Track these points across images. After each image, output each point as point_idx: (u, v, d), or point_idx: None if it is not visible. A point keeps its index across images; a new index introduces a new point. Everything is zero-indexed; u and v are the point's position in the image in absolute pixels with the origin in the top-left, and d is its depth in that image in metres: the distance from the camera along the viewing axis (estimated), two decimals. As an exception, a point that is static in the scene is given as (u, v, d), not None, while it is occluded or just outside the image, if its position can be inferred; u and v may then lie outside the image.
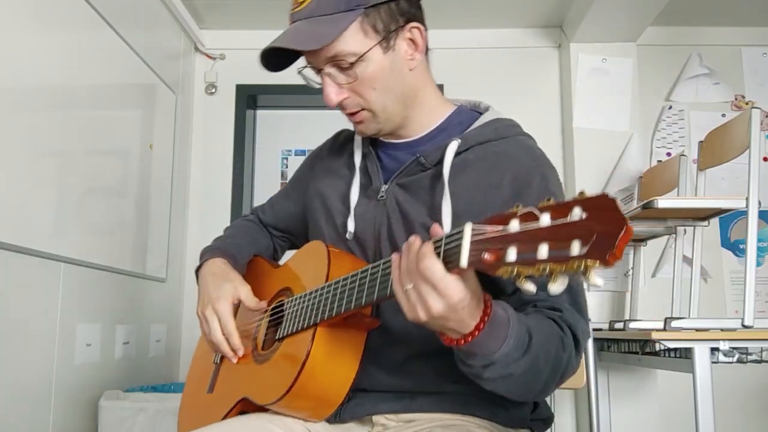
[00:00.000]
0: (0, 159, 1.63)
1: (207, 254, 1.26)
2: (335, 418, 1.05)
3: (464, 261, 0.72)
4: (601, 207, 0.62)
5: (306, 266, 1.14)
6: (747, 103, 3.08)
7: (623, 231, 0.60)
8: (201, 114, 3.12)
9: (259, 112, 3.27)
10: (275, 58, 1.07)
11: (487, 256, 0.69)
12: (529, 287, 0.68)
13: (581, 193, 0.65)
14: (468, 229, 0.73)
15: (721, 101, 3.09)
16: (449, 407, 1.03)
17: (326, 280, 1.02)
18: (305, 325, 1.01)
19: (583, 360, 1.70)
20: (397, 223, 1.07)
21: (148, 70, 2.54)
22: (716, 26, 3.12)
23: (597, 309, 2.79)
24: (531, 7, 2.94)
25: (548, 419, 1.14)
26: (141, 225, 2.49)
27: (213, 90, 3.13)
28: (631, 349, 2.25)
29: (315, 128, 3.17)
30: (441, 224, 1.01)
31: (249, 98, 3.15)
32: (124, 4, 2.34)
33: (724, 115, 3.03)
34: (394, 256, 0.84)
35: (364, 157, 1.16)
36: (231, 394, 1.13)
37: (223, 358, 1.22)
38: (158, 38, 2.71)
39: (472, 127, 1.10)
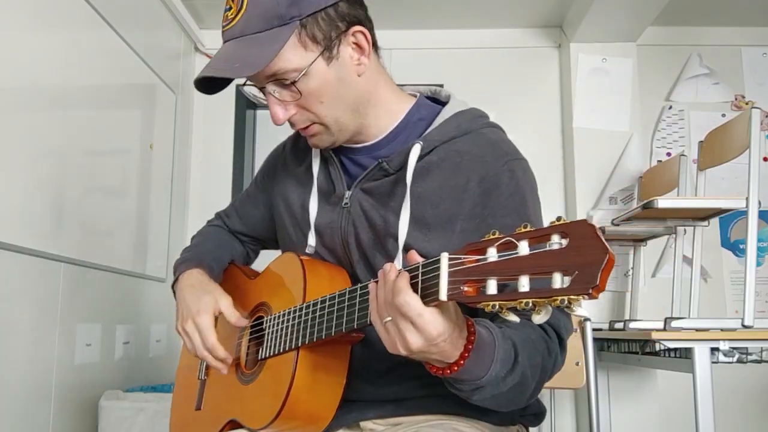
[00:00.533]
0: (0, 159, 1.63)
1: (182, 266, 1.20)
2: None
3: (443, 295, 0.69)
4: (582, 235, 0.59)
5: (282, 280, 1.11)
6: (747, 103, 3.08)
7: (605, 262, 0.57)
8: (201, 114, 3.12)
9: (259, 112, 3.27)
10: (211, 80, 1.02)
11: (466, 288, 0.67)
12: (513, 318, 0.66)
13: (559, 219, 0.62)
14: (444, 259, 0.70)
15: (721, 101, 3.09)
16: (436, 408, 1.02)
17: (303, 299, 1.00)
18: (286, 348, 0.99)
19: (583, 360, 1.70)
20: (363, 231, 1.04)
21: (148, 70, 2.54)
22: (716, 26, 3.12)
23: (597, 309, 2.78)
24: (531, 7, 2.94)
25: (540, 414, 1.13)
26: (141, 225, 2.49)
27: (213, 90, 3.12)
28: (631, 349, 2.25)
29: (315, 128, 3.17)
30: (397, 232, 0.98)
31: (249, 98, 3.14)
32: (124, 4, 2.34)
33: (724, 115, 3.03)
34: (371, 286, 0.81)
35: (326, 161, 1.12)
36: (219, 415, 1.13)
37: (208, 373, 1.22)
38: (158, 38, 2.71)
39: (434, 125, 1.05)
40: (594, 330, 2.19)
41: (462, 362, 0.78)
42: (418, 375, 1.00)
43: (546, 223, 0.64)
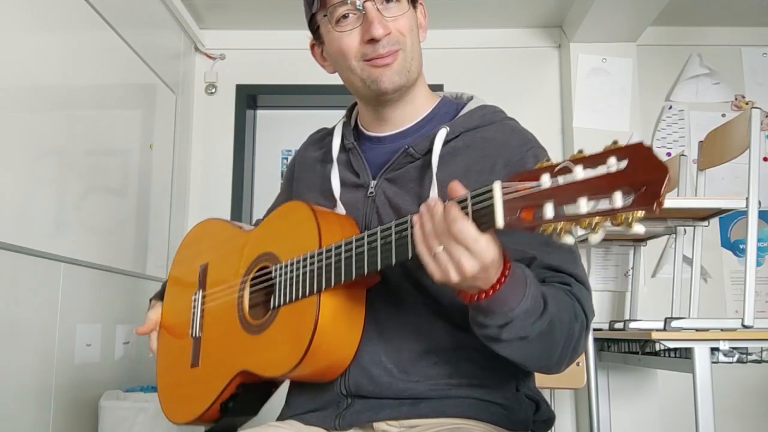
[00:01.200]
0: (0, 159, 1.63)
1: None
2: (336, 424, 1.04)
3: (500, 221, 0.71)
4: (640, 156, 0.61)
5: (289, 228, 1.08)
6: (747, 103, 3.08)
7: (667, 177, 0.59)
8: (201, 114, 3.12)
9: (259, 112, 3.27)
10: None
11: (523, 214, 0.68)
12: (568, 240, 0.67)
13: (615, 142, 0.63)
14: (498, 187, 0.71)
15: (721, 101, 3.10)
16: (452, 411, 1.02)
17: (319, 245, 0.98)
18: (306, 293, 0.98)
19: (583, 360, 1.70)
20: (388, 218, 1.05)
21: (148, 70, 2.54)
22: (716, 26, 3.12)
23: (597, 309, 2.75)
24: (531, 7, 2.94)
25: (549, 420, 1.13)
26: (141, 225, 2.49)
27: (213, 90, 3.13)
28: (631, 349, 2.25)
29: (315, 128, 3.17)
30: None
31: (249, 98, 3.15)
32: (124, 4, 2.34)
33: (724, 115, 3.03)
34: (415, 218, 0.82)
35: (348, 151, 1.14)
36: (225, 368, 1.10)
37: (203, 330, 1.19)
38: (158, 38, 2.71)
39: (459, 115, 1.10)
40: (594, 330, 2.20)
41: (498, 286, 0.80)
42: (435, 373, 1.01)
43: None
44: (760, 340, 1.78)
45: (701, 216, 2.23)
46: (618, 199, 0.61)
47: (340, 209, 1.09)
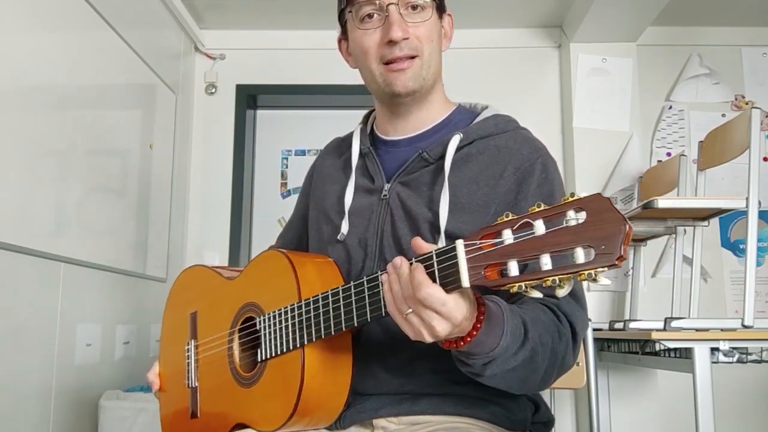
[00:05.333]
0: (0, 159, 1.63)
1: None
2: (337, 424, 1.05)
3: (465, 282, 0.71)
4: (598, 209, 0.61)
5: (269, 278, 1.09)
6: (747, 103, 3.08)
7: (625, 231, 0.59)
8: (201, 114, 3.12)
9: (259, 112, 3.27)
10: None
11: (487, 272, 0.68)
12: (536, 294, 0.67)
13: (572, 194, 0.64)
14: (461, 246, 0.71)
15: (721, 101, 3.09)
16: (451, 409, 1.03)
17: (299, 296, 1.00)
18: (290, 347, 1.00)
19: (583, 360, 1.70)
20: (401, 221, 1.07)
21: (148, 70, 2.54)
22: (716, 26, 3.12)
23: (597, 309, 2.78)
24: (531, 7, 2.94)
25: (549, 422, 1.14)
26: (141, 225, 2.49)
27: (213, 90, 3.13)
28: (631, 349, 2.25)
29: (315, 128, 3.18)
30: (438, 216, 1.02)
31: (249, 98, 3.15)
32: (124, 4, 2.34)
33: (724, 115, 3.03)
34: (383, 278, 0.83)
35: (363, 156, 1.17)
36: (221, 421, 1.12)
37: (199, 380, 1.21)
38: (158, 38, 2.71)
39: (474, 122, 1.12)
40: (594, 330, 2.20)
41: (475, 333, 0.80)
42: (434, 369, 1.01)
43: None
44: (760, 340, 1.78)
45: (701, 216, 2.23)
46: (580, 256, 0.61)
47: (345, 224, 1.11)
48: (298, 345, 0.98)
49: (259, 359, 1.07)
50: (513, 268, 0.65)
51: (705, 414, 1.72)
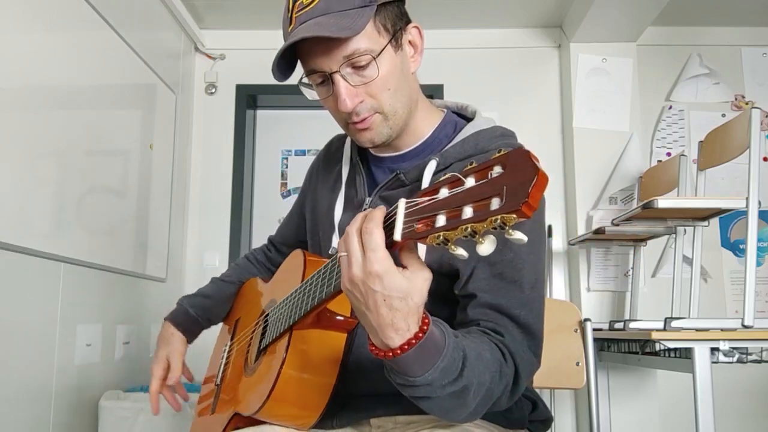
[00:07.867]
0: (0, 159, 1.63)
1: (169, 313, 1.36)
2: (332, 423, 1.05)
3: (398, 234, 0.70)
4: (518, 161, 0.61)
5: (286, 275, 1.14)
6: (747, 103, 3.08)
7: (535, 178, 0.59)
8: (201, 114, 3.12)
9: (259, 112, 3.27)
10: (282, 61, 1.04)
11: (418, 225, 0.68)
12: (461, 252, 0.67)
13: (499, 151, 0.64)
14: (402, 203, 0.72)
15: (721, 101, 3.10)
16: None
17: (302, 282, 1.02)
18: (282, 331, 1.01)
19: (583, 360, 1.70)
20: None
21: (148, 70, 2.54)
22: (716, 26, 3.12)
23: (597, 309, 2.79)
24: (531, 7, 2.94)
25: (547, 420, 1.14)
26: (141, 225, 2.49)
27: (213, 90, 3.13)
28: (631, 349, 2.25)
29: (315, 128, 3.18)
30: None
31: (249, 98, 3.15)
32: (124, 4, 2.34)
33: (724, 115, 3.04)
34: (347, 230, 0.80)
35: (353, 168, 1.16)
36: (225, 412, 1.14)
37: (223, 379, 1.25)
38: (158, 38, 2.71)
39: (453, 142, 1.08)
40: (594, 330, 2.19)
41: (400, 353, 0.76)
42: None
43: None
44: (760, 340, 1.78)
45: (701, 216, 2.23)
46: (495, 204, 0.60)
47: (336, 239, 1.12)
48: (286, 327, 0.99)
49: (261, 348, 1.10)
50: (440, 221, 0.66)
51: (705, 414, 1.72)
